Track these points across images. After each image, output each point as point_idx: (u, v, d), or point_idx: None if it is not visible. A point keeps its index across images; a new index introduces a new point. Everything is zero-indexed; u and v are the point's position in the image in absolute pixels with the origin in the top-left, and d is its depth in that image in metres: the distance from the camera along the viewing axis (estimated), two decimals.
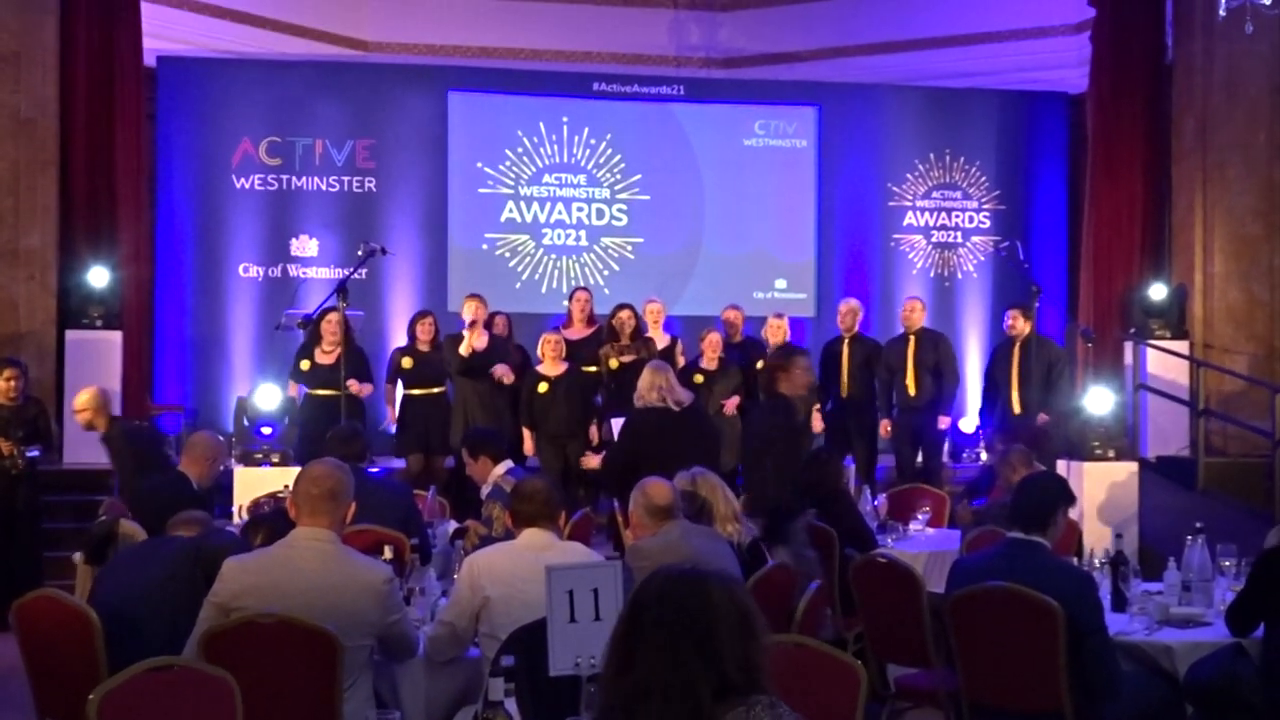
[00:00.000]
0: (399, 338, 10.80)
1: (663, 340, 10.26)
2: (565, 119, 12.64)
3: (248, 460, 9.13)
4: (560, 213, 12.65)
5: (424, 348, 10.08)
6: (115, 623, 4.52)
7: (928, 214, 13.00)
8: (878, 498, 8.25)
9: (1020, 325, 10.23)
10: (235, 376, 11.79)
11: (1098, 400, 9.79)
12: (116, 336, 10.57)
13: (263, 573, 4.24)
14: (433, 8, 13.70)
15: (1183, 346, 11.10)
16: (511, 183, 12.55)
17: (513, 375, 9.85)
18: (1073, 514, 6.01)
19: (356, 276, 10.36)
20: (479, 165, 12.49)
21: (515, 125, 12.56)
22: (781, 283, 12.89)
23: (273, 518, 5.43)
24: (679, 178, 12.79)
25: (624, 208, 12.74)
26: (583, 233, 12.68)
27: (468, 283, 11.24)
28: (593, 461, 8.69)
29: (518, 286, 12.39)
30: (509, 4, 13.86)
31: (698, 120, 12.87)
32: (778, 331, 10.30)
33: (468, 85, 12.60)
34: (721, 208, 12.85)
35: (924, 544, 7.51)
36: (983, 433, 11.01)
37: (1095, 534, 8.75)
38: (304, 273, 12.04)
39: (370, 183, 12.23)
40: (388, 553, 5.33)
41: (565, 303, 10.66)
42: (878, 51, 13.79)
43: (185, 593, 4.64)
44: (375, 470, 8.80)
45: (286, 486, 5.59)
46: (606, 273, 12.62)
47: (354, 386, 9.39)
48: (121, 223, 11.04)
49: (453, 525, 6.88)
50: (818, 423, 9.99)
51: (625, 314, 10.09)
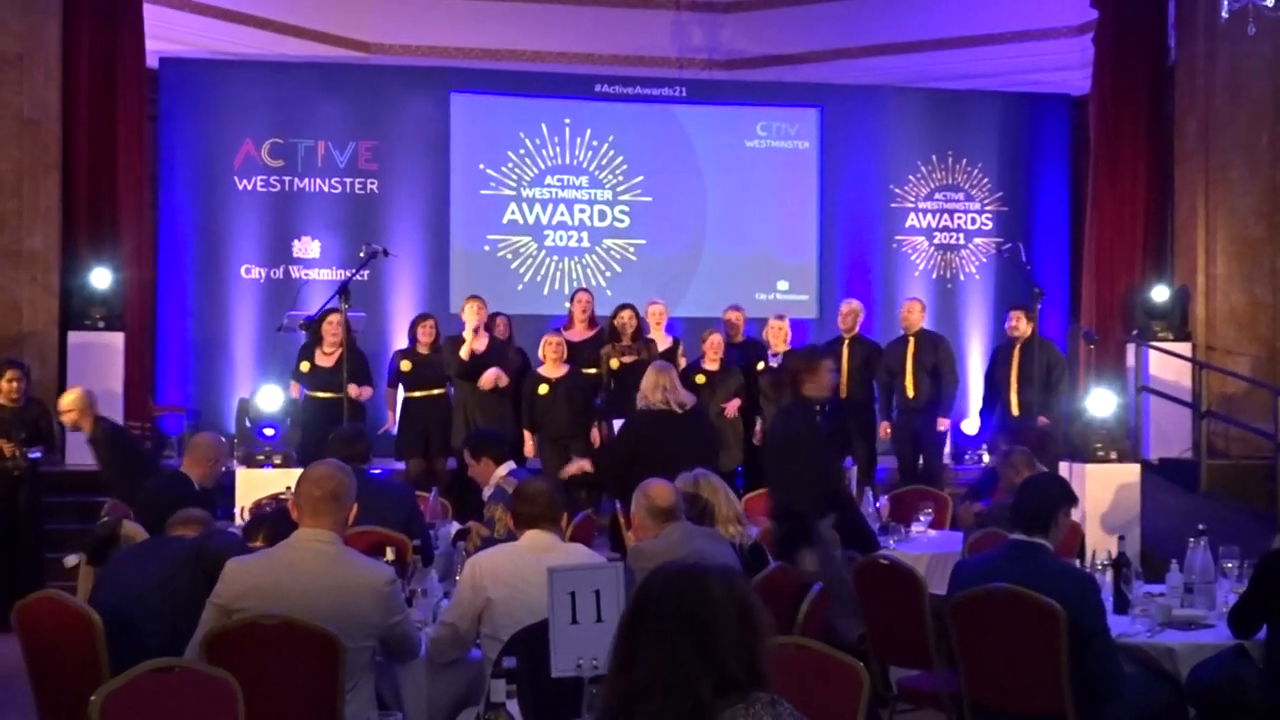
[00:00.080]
0: (401, 339, 10.80)
1: (665, 342, 10.25)
2: (567, 120, 12.64)
3: (250, 462, 9.12)
4: (562, 214, 12.65)
5: (424, 350, 10.08)
6: (116, 623, 4.52)
7: (930, 215, 12.99)
8: (879, 499, 8.23)
9: (1023, 327, 10.23)
10: (237, 378, 11.79)
11: (1100, 402, 9.78)
12: (118, 338, 10.57)
13: (265, 574, 4.24)
14: (435, 9, 13.70)
15: (1185, 348, 11.09)
16: (514, 184, 12.55)
17: (506, 379, 9.83)
18: (1075, 516, 6.02)
19: (358, 278, 10.36)
20: (481, 167, 12.49)
21: (517, 127, 12.56)
22: (783, 284, 12.88)
23: (274, 517, 5.44)
24: (681, 179, 12.79)
25: (626, 209, 12.73)
26: (585, 234, 12.68)
27: (470, 284, 11.24)
28: (576, 467, 8.57)
29: (520, 288, 12.39)
30: (511, 5, 13.87)
31: (700, 121, 12.87)
32: (778, 333, 10.28)
33: (470, 87, 12.60)
34: (723, 209, 12.84)
35: (926, 546, 7.51)
36: (985, 434, 11.01)
37: (1097, 536, 8.75)
38: (306, 274, 12.04)
39: (372, 184, 12.24)
40: (390, 554, 5.33)
41: (567, 304, 10.65)
42: (880, 53, 13.79)
43: (185, 593, 4.64)
44: (377, 472, 8.80)
45: (288, 488, 5.59)
46: (608, 274, 12.61)
47: (353, 391, 9.39)
48: (124, 224, 11.05)
49: (455, 527, 6.88)
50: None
51: (627, 314, 10.09)
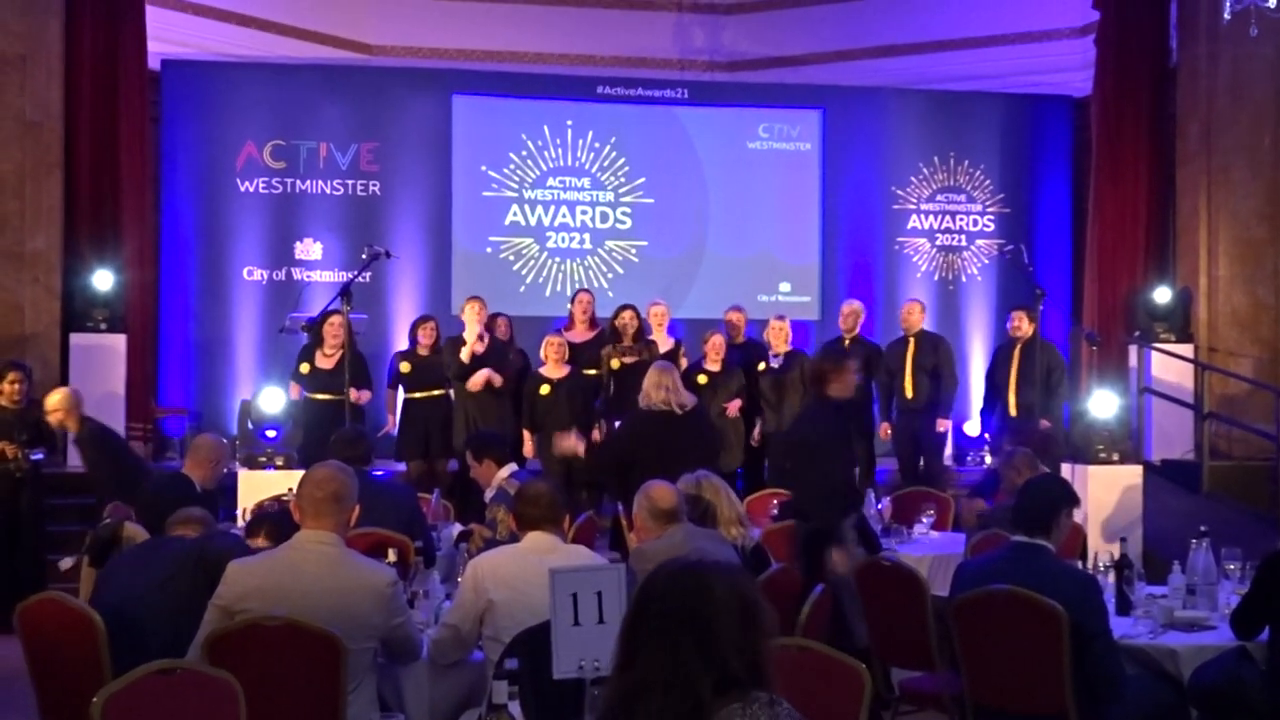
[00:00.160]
0: (403, 341, 10.79)
1: (666, 343, 10.25)
2: (569, 122, 12.64)
3: (252, 463, 9.13)
4: (564, 216, 12.64)
5: (424, 352, 10.09)
6: (116, 624, 4.52)
7: (932, 217, 12.99)
8: (881, 501, 8.22)
9: (1024, 327, 10.23)
10: (239, 380, 11.79)
11: (1102, 404, 9.78)
12: (121, 339, 10.56)
13: (267, 575, 4.24)
14: (437, 11, 13.71)
15: (1187, 350, 11.08)
16: (516, 186, 12.55)
17: (499, 379, 9.82)
18: (1077, 517, 6.01)
19: (360, 280, 10.36)
20: (483, 168, 12.50)
21: (519, 128, 12.57)
22: (785, 286, 12.88)
23: (276, 515, 5.43)
24: (683, 181, 12.79)
25: (628, 211, 12.73)
26: (587, 236, 12.68)
27: (471, 286, 11.23)
28: (569, 444, 8.46)
29: (522, 290, 12.39)
30: (513, 7, 13.87)
31: (702, 123, 12.87)
32: (779, 333, 10.27)
33: (472, 88, 12.60)
34: (725, 211, 12.84)
35: (928, 547, 7.51)
36: (988, 435, 11.00)
37: (1099, 537, 8.75)
38: (308, 276, 12.04)
39: (374, 186, 12.24)
40: (392, 556, 5.34)
41: (569, 305, 10.65)
42: (882, 54, 13.79)
43: (186, 593, 4.64)
44: (379, 474, 8.80)
45: (290, 489, 5.59)
46: (610, 276, 12.61)
47: (352, 395, 9.39)
48: (126, 226, 11.04)
49: (457, 528, 6.88)
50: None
51: (628, 315, 10.09)
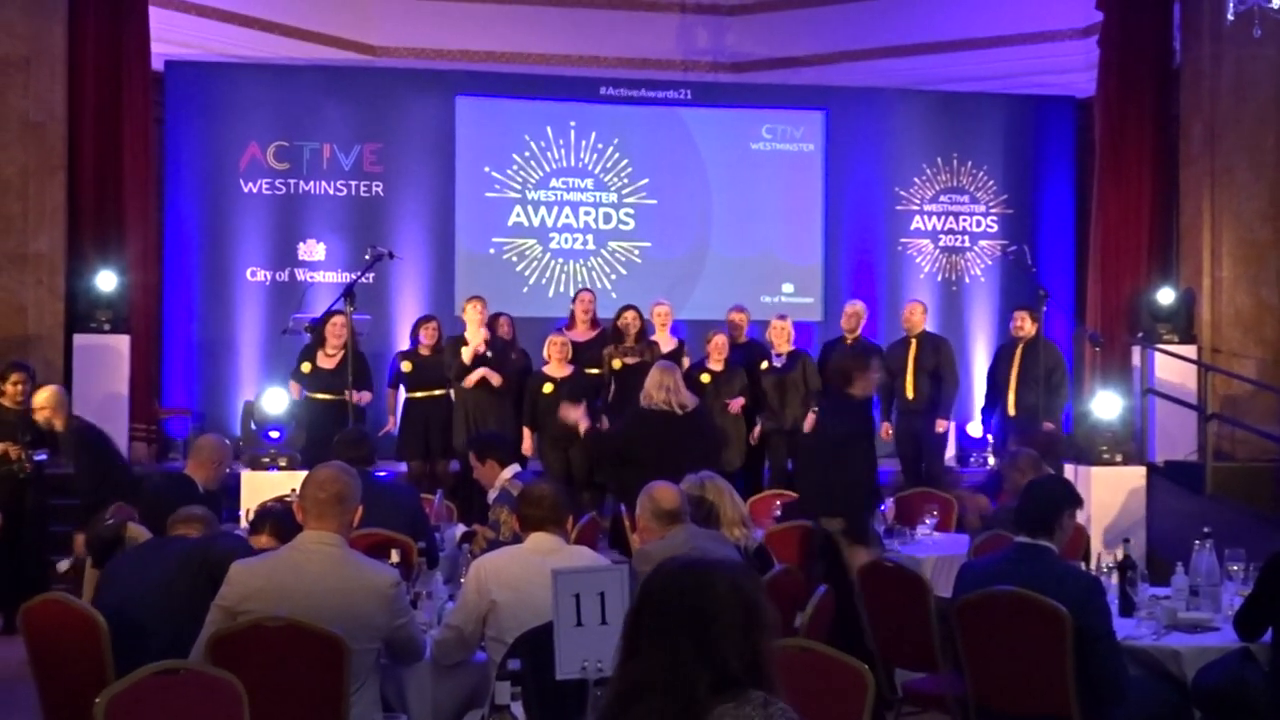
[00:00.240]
0: (405, 341, 10.81)
1: (669, 343, 10.25)
2: (573, 123, 12.64)
3: (255, 464, 9.15)
4: (568, 217, 12.64)
5: (426, 351, 10.10)
6: (118, 624, 4.52)
7: (935, 218, 12.98)
8: (885, 502, 8.21)
9: (1027, 327, 10.22)
10: (242, 380, 11.79)
11: (1105, 405, 9.78)
12: (124, 340, 10.55)
13: (270, 576, 4.25)
14: (440, 12, 13.71)
15: (1191, 351, 11.06)
16: (519, 187, 12.55)
17: (497, 378, 9.82)
18: (1080, 518, 6.01)
19: (364, 281, 10.38)
20: (486, 169, 12.50)
21: (523, 129, 12.57)
22: (789, 287, 12.87)
23: (280, 512, 5.44)
24: (686, 182, 12.79)
25: (631, 212, 12.73)
26: (590, 237, 12.67)
27: (475, 287, 11.22)
28: (575, 414, 8.47)
29: (525, 291, 12.39)
30: (516, 8, 13.87)
31: (705, 124, 12.87)
32: (781, 333, 10.27)
33: (475, 89, 12.60)
34: (728, 212, 12.84)
35: (931, 548, 7.50)
36: (992, 436, 10.98)
37: (1103, 538, 8.74)
38: (311, 277, 12.05)
39: (378, 187, 12.24)
40: (395, 556, 5.34)
41: (571, 305, 10.64)
42: (885, 56, 13.78)
43: (188, 593, 4.65)
44: (382, 474, 8.81)
45: (293, 490, 5.59)
46: (614, 277, 12.61)
47: (353, 397, 9.38)
48: (129, 227, 11.04)
49: (460, 529, 6.88)
50: (810, 423, 10.00)
51: (630, 315, 10.09)
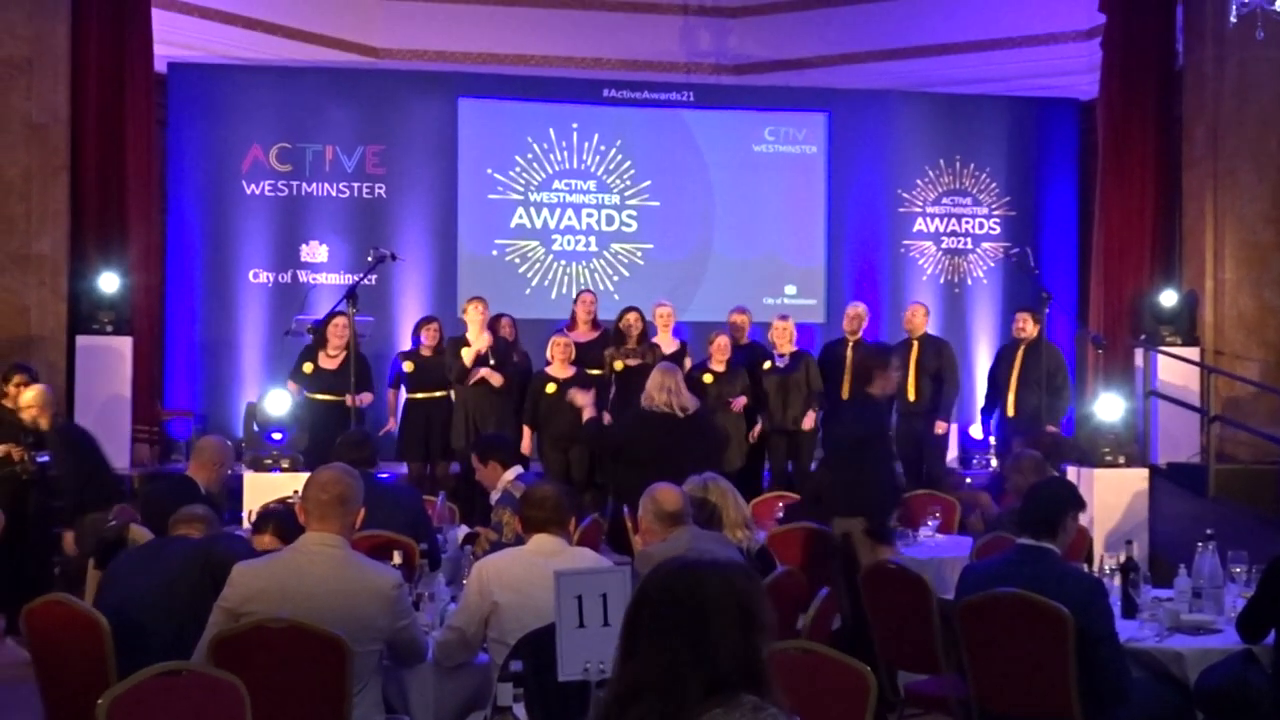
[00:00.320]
0: (408, 343, 10.81)
1: (671, 345, 10.25)
2: (575, 125, 12.64)
3: (257, 466, 9.15)
4: (570, 219, 12.64)
5: (427, 352, 10.11)
6: (119, 625, 4.52)
7: (938, 220, 12.98)
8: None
9: (1029, 328, 10.22)
10: (245, 382, 11.79)
11: (1108, 407, 9.76)
12: (127, 342, 10.54)
13: (272, 578, 4.25)
14: (443, 14, 13.71)
15: (1193, 353, 11.04)
16: (521, 189, 12.55)
17: (499, 378, 9.83)
18: (1083, 520, 6.00)
19: (366, 282, 10.39)
20: (489, 171, 12.50)
21: (525, 131, 12.57)
22: (791, 288, 12.87)
23: (282, 513, 5.45)
24: (689, 184, 12.78)
25: (634, 213, 12.73)
26: (592, 238, 12.67)
27: (477, 289, 11.20)
28: (583, 398, 8.52)
29: (527, 292, 12.39)
30: (519, 10, 13.88)
31: (707, 126, 12.87)
32: (783, 333, 10.27)
33: (478, 91, 12.60)
34: (731, 214, 12.83)
35: (934, 550, 7.49)
36: (995, 437, 10.97)
37: (1105, 540, 8.73)
38: (314, 278, 12.04)
39: (380, 189, 12.24)
40: (397, 558, 5.34)
41: (573, 306, 10.63)
42: (888, 58, 13.78)
43: (190, 594, 4.65)
44: (385, 476, 8.81)
45: (296, 492, 5.60)
46: (616, 278, 12.61)
47: (351, 400, 9.38)
48: (132, 228, 11.04)
49: (463, 530, 6.88)
50: (809, 421, 10.04)
51: (632, 317, 10.10)
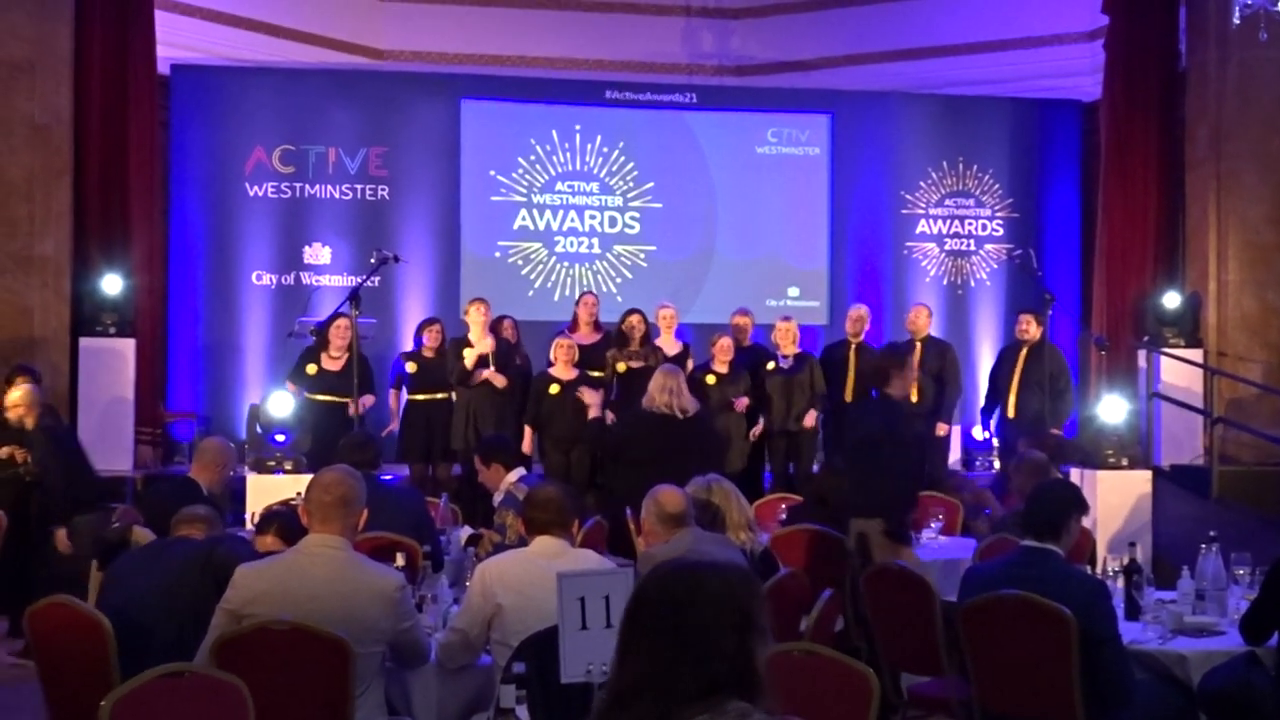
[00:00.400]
0: (411, 345, 10.80)
1: (674, 346, 10.25)
2: (578, 127, 12.64)
3: (260, 468, 9.15)
4: (573, 220, 12.65)
5: (429, 354, 10.12)
6: (121, 625, 4.53)
7: (941, 222, 12.97)
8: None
9: (1032, 330, 10.22)
10: (248, 384, 11.80)
11: (1111, 408, 9.76)
12: (130, 344, 10.55)
13: (275, 579, 4.25)
14: (446, 16, 13.72)
15: (1196, 355, 11.04)
16: (524, 190, 12.55)
17: (502, 380, 9.83)
18: (1086, 522, 6.00)
19: (369, 284, 10.38)
20: (492, 173, 12.50)
21: (528, 133, 12.57)
22: (794, 290, 12.87)
23: (285, 514, 5.45)
24: (691, 185, 12.78)
25: (636, 215, 12.73)
26: (595, 240, 12.68)
27: (480, 290, 11.21)
28: (591, 396, 8.57)
29: (530, 294, 12.39)
30: (522, 12, 13.88)
31: (710, 128, 12.86)
32: (786, 334, 10.28)
33: (480, 93, 12.61)
34: (734, 215, 12.83)
35: (937, 552, 7.49)
36: (997, 438, 10.96)
37: (1108, 542, 8.73)
38: (317, 280, 12.04)
39: (383, 190, 12.24)
40: (400, 559, 5.34)
41: (575, 309, 10.63)
42: (891, 59, 13.77)
43: (192, 595, 4.65)
44: (388, 477, 8.81)
45: (299, 493, 5.60)
46: (619, 280, 12.61)
47: (353, 408, 9.38)
48: (135, 230, 11.05)
49: (466, 532, 6.88)
50: (810, 419, 10.04)
51: (635, 319, 10.10)
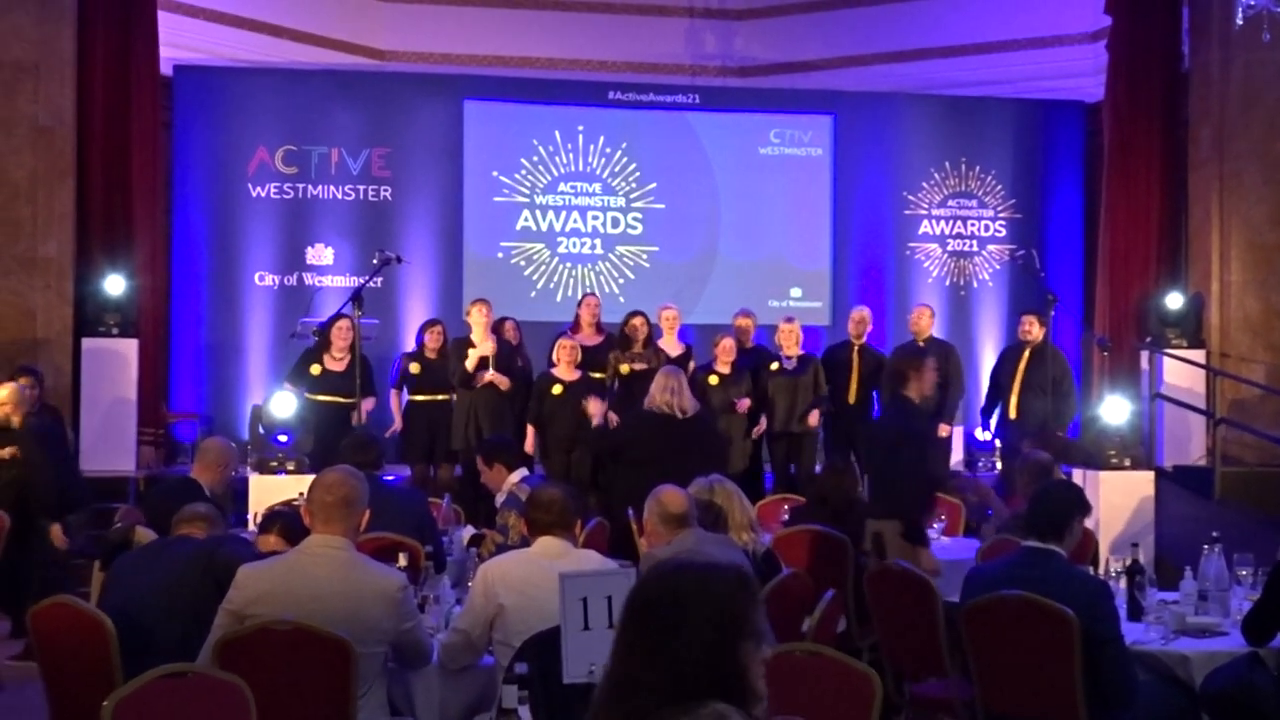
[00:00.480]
0: (413, 346, 10.80)
1: (676, 347, 10.24)
2: (581, 127, 12.65)
3: (263, 468, 9.16)
4: (576, 221, 12.65)
5: (431, 355, 10.12)
6: (122, 625, 4.53)
7: (943, 222, 12.97)
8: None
9: (1035, 331, 10.21)
10: (251, 384, 11.80)
11: (1114, 409, 9.76)
12: (132, 344, 10.57)
13: (277, 580, 4.25)
14: (449, 17, 13.72)
15: (1199, 355, 11.04)
16: (527, 191, 12.56)
17: (506, 381, 9.83)
18: (1088, 523, 6.00)
19: (372, 285, 10.38)
20: (494, 174, 12.50)
21: (531, 134, 12.57)
22: (797, 291, 12.86)
23: (288, 514, 5.46)
24: (694, 186, 12.78)
25: (639, 216, 12.73)
26: (598, 241, 12.68)
27: (483, 291, 11.20)
28: (596, 406, 8.58)
29: (533, 295, 12.40)
30: (525, 13, 13.89)
31: (713, 128, 12.86)
32: (789, 335, 10.27)
33: (483, 94, 12.61)
34: (737, 216, 12.83)
35: (939, 552, 7.46)
36: (998, 439, 10.95)
37: (1111, 543, 8.72)
38: (319, 281, 12.05)
39: (386, 191, 12.25)
40: (402, 560, 5.34)
41: (577, 310, 10.62)
42: (893, 60, 13.77)
43: (193, 595, 4.65)
44: (390, 478, 8.81)
45: (301, 494, 5.60)
46: (622, 281, 12.61)
47: (360, 415, 9.38)
48: (138, 231, 11.06)
49: (468, 532, 6.88)
50: (814, 419, 10.04)
51: (638, 320, 10.09)
